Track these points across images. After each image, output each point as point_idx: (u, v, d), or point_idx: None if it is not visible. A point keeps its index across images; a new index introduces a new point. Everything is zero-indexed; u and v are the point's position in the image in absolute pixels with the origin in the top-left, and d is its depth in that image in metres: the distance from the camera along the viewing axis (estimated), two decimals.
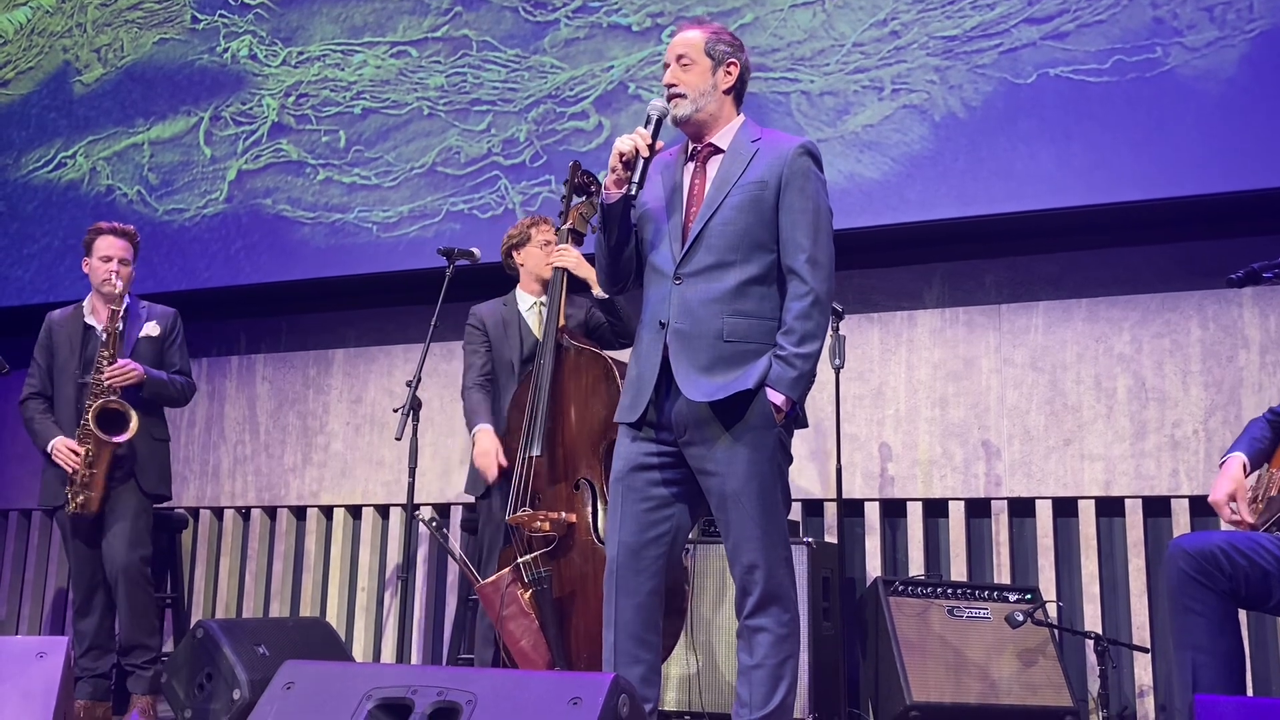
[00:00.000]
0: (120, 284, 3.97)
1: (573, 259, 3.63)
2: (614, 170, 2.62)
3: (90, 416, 3.82)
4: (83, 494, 3.84)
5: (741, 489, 2.56)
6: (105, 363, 3.86)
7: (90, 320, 4.05)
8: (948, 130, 4.18)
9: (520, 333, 3.92)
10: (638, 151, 2.60)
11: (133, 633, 3.86)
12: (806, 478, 4.43)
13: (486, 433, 3.75)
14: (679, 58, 2.72)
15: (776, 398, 2.56)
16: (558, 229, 3.77)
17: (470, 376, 3.94)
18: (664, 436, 2.64)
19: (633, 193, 2.59)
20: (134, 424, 3.84)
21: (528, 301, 3.98)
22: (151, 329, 4.09)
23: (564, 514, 3.35)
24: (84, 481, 3.84)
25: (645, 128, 2.64)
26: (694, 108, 2.69)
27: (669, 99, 2.70)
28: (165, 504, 4.28)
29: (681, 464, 2.65)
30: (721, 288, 2.60)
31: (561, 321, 3.56)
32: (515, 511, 3.39)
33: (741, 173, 2.66)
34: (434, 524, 3.92)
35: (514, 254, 4.02)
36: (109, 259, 3.98)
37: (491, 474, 3.67)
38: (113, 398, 3.85)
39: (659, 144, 2.66)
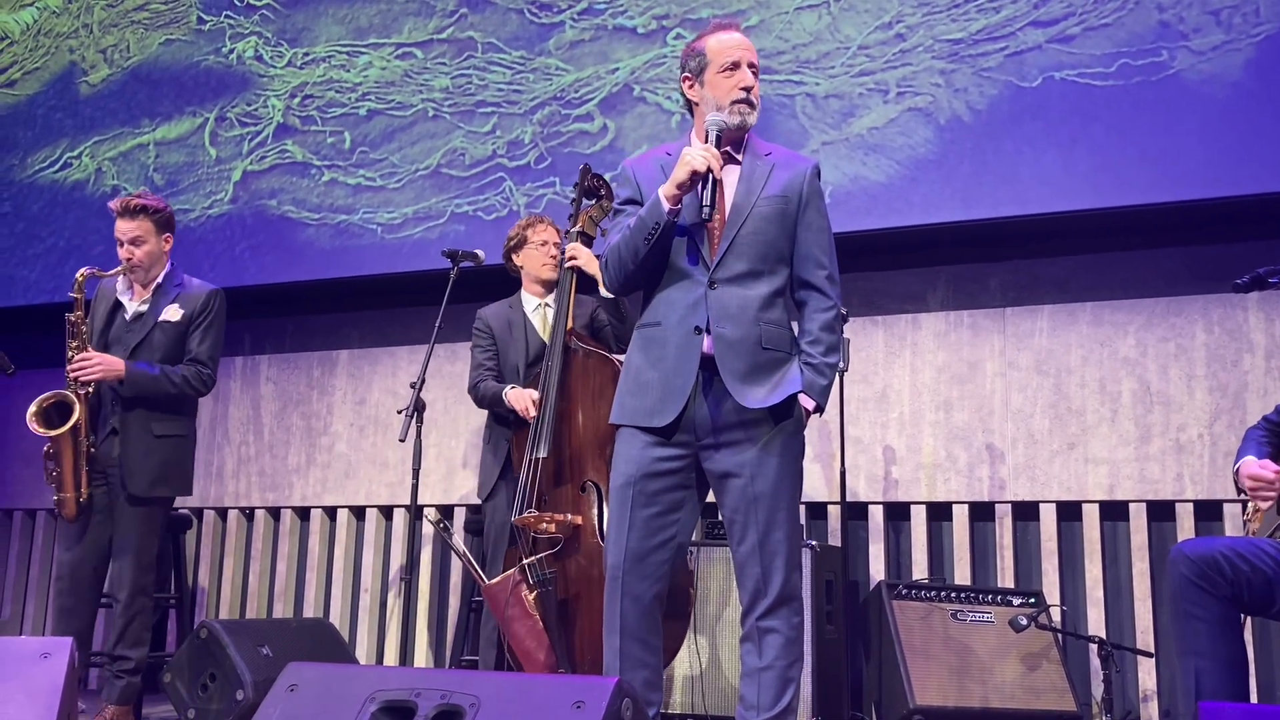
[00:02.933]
0: (136, 265, 3.85)
1: (584, 257, 3.62)
2: (680, 185, 2.58)
3: (30, 410, 3.66)
4: (57, 494, 3.70)
5: (772, 490, 2.61)
6: (73, 353, 3.74)
7: (122, 297, 3.92)
8: (953, 133, 4.18)
9: (526, 335, 3.93)
10: (710, 170, 2.57)
11: (118, 642, 3.76)
12: (810, 481, 4.43)
13: (515, 388, 3.76)
14: (752, 65, 2.70)
15: (809, 403, 2.66)
16: (566, 232, 3.78)
17: (477, 373, 3.96)
18: (683, 440, 2.64)
19: (709, 216, 2.58)
20: (75, 416, 3.66)
21: (533, 303, 3.98)
22: (172, 313, 3.89)
23: (570, 516, 3.36)
24: (53, 478, 3.70)
25: (711, 144, 2.61)
26: (753, 118, 2.70)
27: (742, 103, 2.66)
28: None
29: (693, 468, 2.67)
30: (756, 295, 2.64)
31: (570, 324, 3.57)
32: (522, 513, 3.40)
33: (764, 185, 2.69)
34: (440, 524, 3.93)
35: (514, 256, 4.03)
36: (120, 243, 3.87)
37: (532, 407, 3.60)
38: (65, 391, 3.70)
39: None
